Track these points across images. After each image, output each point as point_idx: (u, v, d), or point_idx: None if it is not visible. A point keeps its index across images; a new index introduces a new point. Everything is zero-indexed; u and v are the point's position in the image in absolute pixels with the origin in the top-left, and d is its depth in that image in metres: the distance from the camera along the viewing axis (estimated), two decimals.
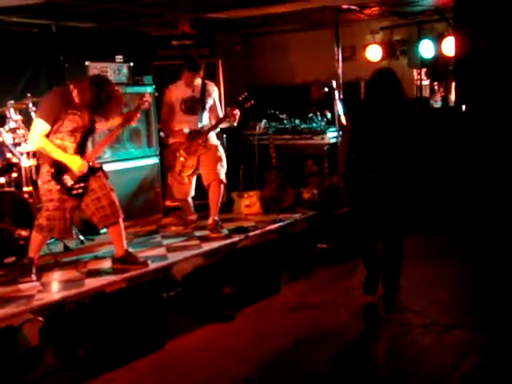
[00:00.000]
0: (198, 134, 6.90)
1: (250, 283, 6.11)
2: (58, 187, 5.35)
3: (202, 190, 7.20)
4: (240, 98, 6.99)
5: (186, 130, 6.89)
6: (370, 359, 4.83)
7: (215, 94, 7.18)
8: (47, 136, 5.30)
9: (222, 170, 6.99)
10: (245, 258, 6.30)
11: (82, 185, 5.45)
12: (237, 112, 6.89)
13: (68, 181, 5.37)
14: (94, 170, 5.54)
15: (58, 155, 5.29)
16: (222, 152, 7.09)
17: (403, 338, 5.09)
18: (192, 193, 7.19)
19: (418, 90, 9.89)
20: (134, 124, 5.94)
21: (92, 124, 5.54)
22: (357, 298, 5.99)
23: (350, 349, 5.07)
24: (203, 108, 7.00)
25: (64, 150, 5.35)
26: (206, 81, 7.12)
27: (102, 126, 5.84)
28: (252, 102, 7.00)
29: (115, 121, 5.80)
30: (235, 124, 7.12)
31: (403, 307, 5.78)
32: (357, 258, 7.16)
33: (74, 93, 5.32)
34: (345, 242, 7.27)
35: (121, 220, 5.66)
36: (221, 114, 7.14)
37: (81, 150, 5.47)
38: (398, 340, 5.08)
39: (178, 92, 6.99)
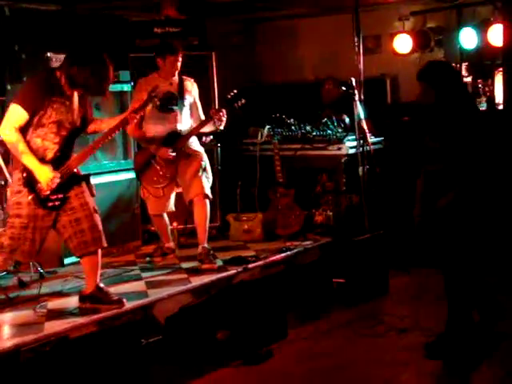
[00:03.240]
0: (177, 138, 6.93)
1: (249, 326, 6.09)
2: (31, 197, 5.31)
3: (186, 213, 7.24)
4: (228, 96, 7.05)
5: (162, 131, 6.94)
6: None
7: (195, 92, 7.22)
8: (26, 130, 5.28)
9: (207, 182, 7.01)
10: (243, 295, 6.31)
11: (60, 196, 5.41)
12: (223, 113, 6.93)
13: (43, 189, 5.33)
14: (77, 180, 5.54)
15: (27, 160, 5.24)
16: (206, 161, 7.12)
17: None
18: (170, 208, 7.22)
19: None
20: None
21: (83, 123, 5.58)
22: (384, 346, 6.05)
23: None
24: (182, 105, 7.03)
25: (43, 151, 5.34)
26: (184, 76, 7.16)
27: (96, 127, 5.85)
28: (243, 101, 7.06)
29: (111, 122, 5.82)
30: (221, 128, 7.14)
31: None
32: (381, 297, 7.19)
33: (62, 79, 5.34)
34: (367, 276, 7.28)
35: (100, 250, 5.65)
36: (203, 116, 7.19)
37: (63, 155, 5.45)
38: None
39: (151, 86, 6.92)
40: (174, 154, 6.84)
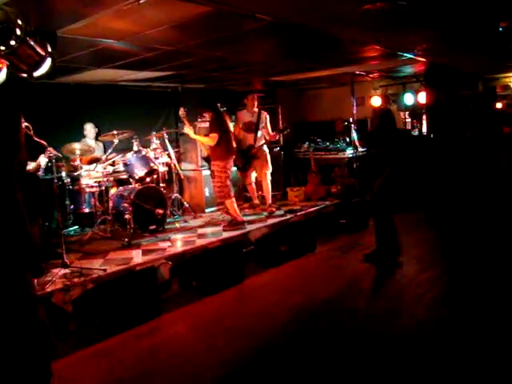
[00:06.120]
0: (253, 147, 6.62)
1: (297, 244, 6.01)
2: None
3: (257, 186, 6.98)
4: (280, 127, 6.88)
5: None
6: (378, 291, 4.65)
7: (266, 120, 6.75)
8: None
9: (269, 169, 6.67)
10: (294, 228, 6.20)
11: None
12: (276, 135, 6.72)
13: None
14: None
15: None
16: (268, 158, 6.71)
17: (394, 278, 4.93)
18: (253, 179, 6.82)
19: (404, 124, 9.68)
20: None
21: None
22: (358, 256, 5.87)
23: (363, 285, 4.88)
24: (257, 129, 6.62)
25: None
26: (262, 110, 6.75)
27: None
28: (288, 130, 6.82)
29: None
30: (277, 137, 6.87)
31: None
32: (364, 230, 6.99)
33: None
34: (356, 219, 7.10)
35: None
36: (271, 131, 6.76)
37: None
38: (390, 280, 4.93)
39: (241, 116, 6.73)
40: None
